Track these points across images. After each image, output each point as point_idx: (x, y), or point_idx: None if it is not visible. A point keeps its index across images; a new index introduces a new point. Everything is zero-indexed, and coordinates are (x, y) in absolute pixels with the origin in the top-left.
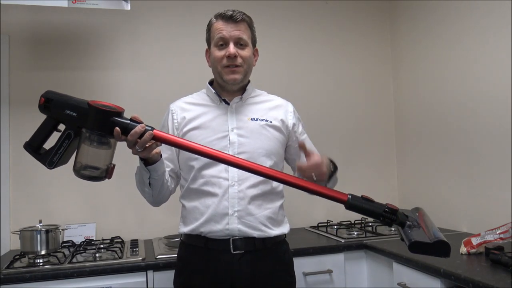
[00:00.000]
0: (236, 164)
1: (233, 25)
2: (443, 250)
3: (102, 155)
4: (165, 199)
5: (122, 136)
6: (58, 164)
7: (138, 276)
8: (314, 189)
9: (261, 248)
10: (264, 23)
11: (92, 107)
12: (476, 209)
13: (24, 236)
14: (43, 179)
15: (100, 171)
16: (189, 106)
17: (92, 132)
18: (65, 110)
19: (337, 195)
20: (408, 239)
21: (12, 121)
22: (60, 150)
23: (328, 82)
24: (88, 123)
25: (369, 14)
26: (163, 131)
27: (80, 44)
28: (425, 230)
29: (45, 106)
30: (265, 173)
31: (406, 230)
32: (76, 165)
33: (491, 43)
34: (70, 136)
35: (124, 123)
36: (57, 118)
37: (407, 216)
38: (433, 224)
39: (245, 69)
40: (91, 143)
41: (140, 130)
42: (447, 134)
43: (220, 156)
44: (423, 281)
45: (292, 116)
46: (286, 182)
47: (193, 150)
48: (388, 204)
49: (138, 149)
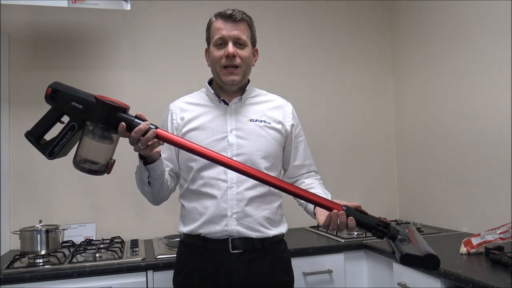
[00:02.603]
0: (238, 169)
1: (232, 24)
2: (433, 264)
3: (104, 150)
4: (165, 197)
5: (127, 132)
6: (58, 155)
7: (138, 276)
8: (309, 198)
9: (259, 248)
10: (264, 23)
11: (99, 101)
12: (476, 209)
13: (24, 236)
14: (43, 179)
15: (100, 165)
16: (188, 106)
17: (96, 125)
18: (71, 102)
19: (332, 205)
20: (399, 251)
21: (12, 121)
22: (62, 141)
23: (327, 82)
24: (93, 116)
25: (369, 14)
26: (166, 131)
27: (80, 44)
28: (415, 244)
29: (52, 96)
30: (263, 179)
31: (397, 243)
32: (76, 158)
33: (491, 43)
34: (73, 128)
35: (129, 120)
36: (63, 109)
37: (398, 230)
38: (423, 240)
39: (243, 69)
40: (94, 136)
41: (145, 127)
42: (447, 135)
43: (221, 159)
44: (423, 281)
45: (291, 117)
46: (282, 188)
47: (194, 151)
48: (380, 218)
49: (141, 146)
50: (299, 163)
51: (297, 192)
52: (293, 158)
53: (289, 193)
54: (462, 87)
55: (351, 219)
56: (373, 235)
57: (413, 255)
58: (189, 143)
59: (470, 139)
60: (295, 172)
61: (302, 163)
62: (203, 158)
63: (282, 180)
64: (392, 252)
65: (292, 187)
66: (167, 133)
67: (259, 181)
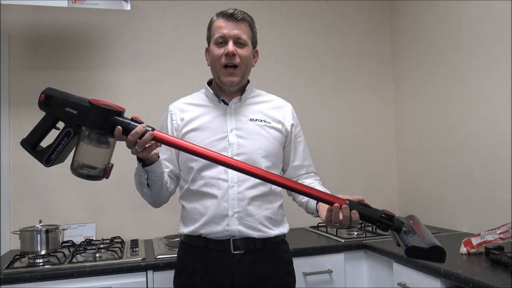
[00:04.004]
0: (237, 168)
1: (233, 23)
2: (439, 256)
3: (101, 154)
4: (165, 200)
5: (123, 135)
6: (55, 162)
7: (138, 276)
8: (312, 193)
9: (261, 248)
10: (263, 23)
11: (93, 105)
12: (476, 209)
13: (24, 236)
14: (43, 179)
15: (98, 170)
16: (188, 106)
17: (92, 130)
18: (65, 108)
19: (335, 200)
20: (404, 244)
21: (12, 121)
22: (58, 148)
23: (327, 82)
24: (88, 121)
25: (369, 14)
26: (163, 132)
27: (80, 44)
28: (420, 236)
29: (45, 103)
30: (264, 177)
31: (402, 235)
32: (74, 164)
33: (491, 42)
34: (69, 134)
35: (125, 123)
36: (57, 115)
37: (402, 222)
38: (428, 231)
39: (242, 69)
40: (90, 141)
41: (141, 130)
42: (447, 135)
43: (220, 158)
44: (423, 281)
45: (291, 117)
46: (284, 185)
47: (192, 152)
48: (384, 210)
49: (138, 149)
50: (298, 164)
51: (299, 188)
52: (292, 158)
53: (291, 190)
54: (462, 86)
55: (354, 212)
56: (378, 228)
57: (419, 247)
58: (187, 143)
59: (470, 139)
60: (294, 172)
61: (301, 163)
62: (201, 158)
63: (283, 177)
64: (398, 244)
65: (294, 183)
66: (164, 135)
67: (260, 179)
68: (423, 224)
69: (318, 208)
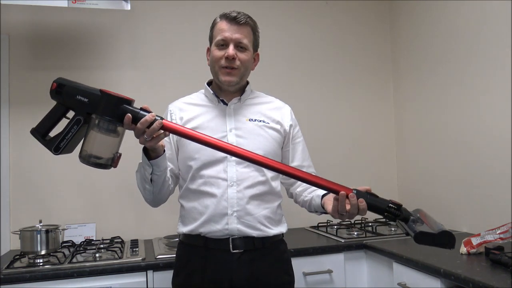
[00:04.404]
0: (243, 156)
1: (236, 27)
2: (448, 241)
3: (110, 143)
4: (164, 198)
5: (132, 124)
6: (64, 151)
7: (138, 276)
8: (317, 182)
9: (260, 247)
10: (263, 23)
11: (104, 93)
12: (476, 209)
13: (24, 236)
14: (43, 179)
15: (106, 159)
16: (187, 106)
17: (102, 118)
18: (76, 96)
19: (341, 189)
20: (413, 230)
21: (12, 121)
22: (68, 136)
23: (327, 82)
24: (99, 109)
25: (369, 14)
26: (171, 122)
27: (80, 44)
28: (428, 224)
29: (57, 91)
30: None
31: (410, 224)
32: (82, 152)
33: (492, 42)
34: (79, 122)
35: (135, 111)
36: (68, 104)
37: (410, 212)
38: (435, 220)
39: (241, 72)
40: (99, 130)
41: (151, 118)
42: (447, 135)
43: (229, 148)
44: (423, 281)
45: (290, 118)
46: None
47: (200, 141)
48: (392, 200)
49: (147, 138)
50: (298, 164)
51: (304, 177)
52: (291, 158)
53: (297, 179)
54: (462, 86)
55: (361, 200)
56: (385, 218)
57: (427, 232)
58: (196, 133)
59: (470, 139)
60: None
61: (301, 164)
62: (209, 147)
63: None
64: (406, 233)
65: (303, 173)
66: (173, 124)
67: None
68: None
69: (323, 202)
